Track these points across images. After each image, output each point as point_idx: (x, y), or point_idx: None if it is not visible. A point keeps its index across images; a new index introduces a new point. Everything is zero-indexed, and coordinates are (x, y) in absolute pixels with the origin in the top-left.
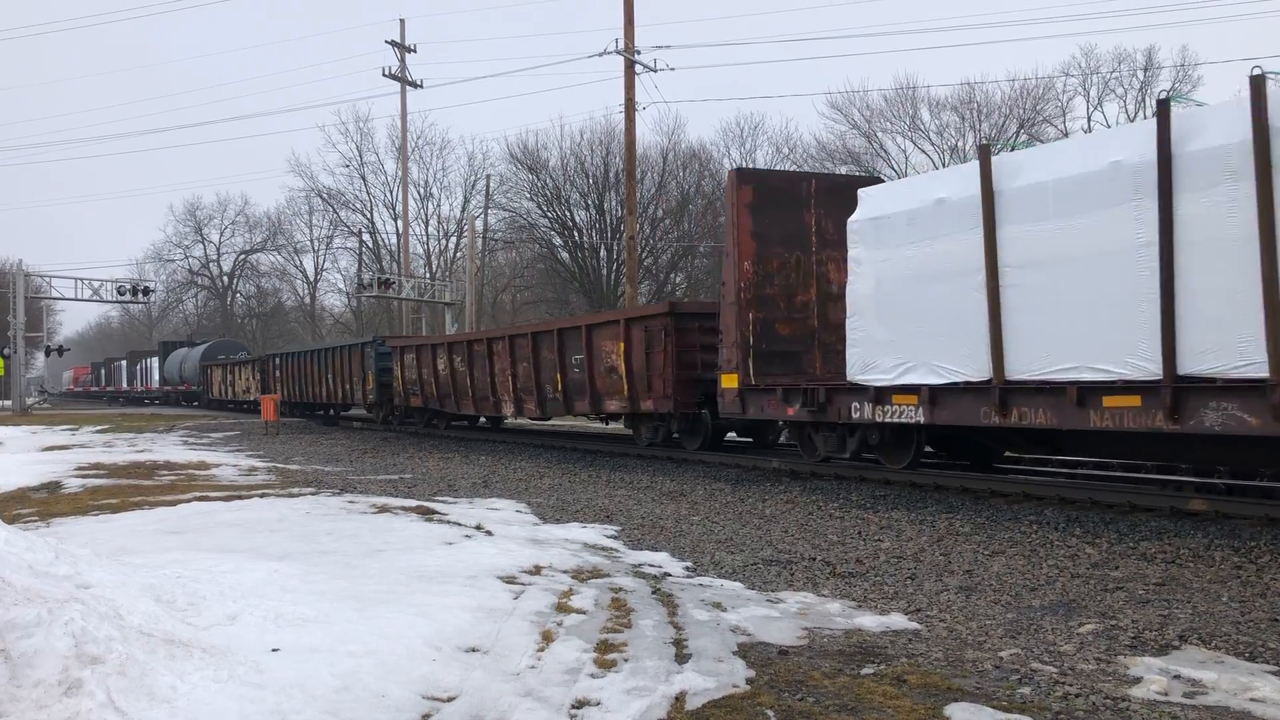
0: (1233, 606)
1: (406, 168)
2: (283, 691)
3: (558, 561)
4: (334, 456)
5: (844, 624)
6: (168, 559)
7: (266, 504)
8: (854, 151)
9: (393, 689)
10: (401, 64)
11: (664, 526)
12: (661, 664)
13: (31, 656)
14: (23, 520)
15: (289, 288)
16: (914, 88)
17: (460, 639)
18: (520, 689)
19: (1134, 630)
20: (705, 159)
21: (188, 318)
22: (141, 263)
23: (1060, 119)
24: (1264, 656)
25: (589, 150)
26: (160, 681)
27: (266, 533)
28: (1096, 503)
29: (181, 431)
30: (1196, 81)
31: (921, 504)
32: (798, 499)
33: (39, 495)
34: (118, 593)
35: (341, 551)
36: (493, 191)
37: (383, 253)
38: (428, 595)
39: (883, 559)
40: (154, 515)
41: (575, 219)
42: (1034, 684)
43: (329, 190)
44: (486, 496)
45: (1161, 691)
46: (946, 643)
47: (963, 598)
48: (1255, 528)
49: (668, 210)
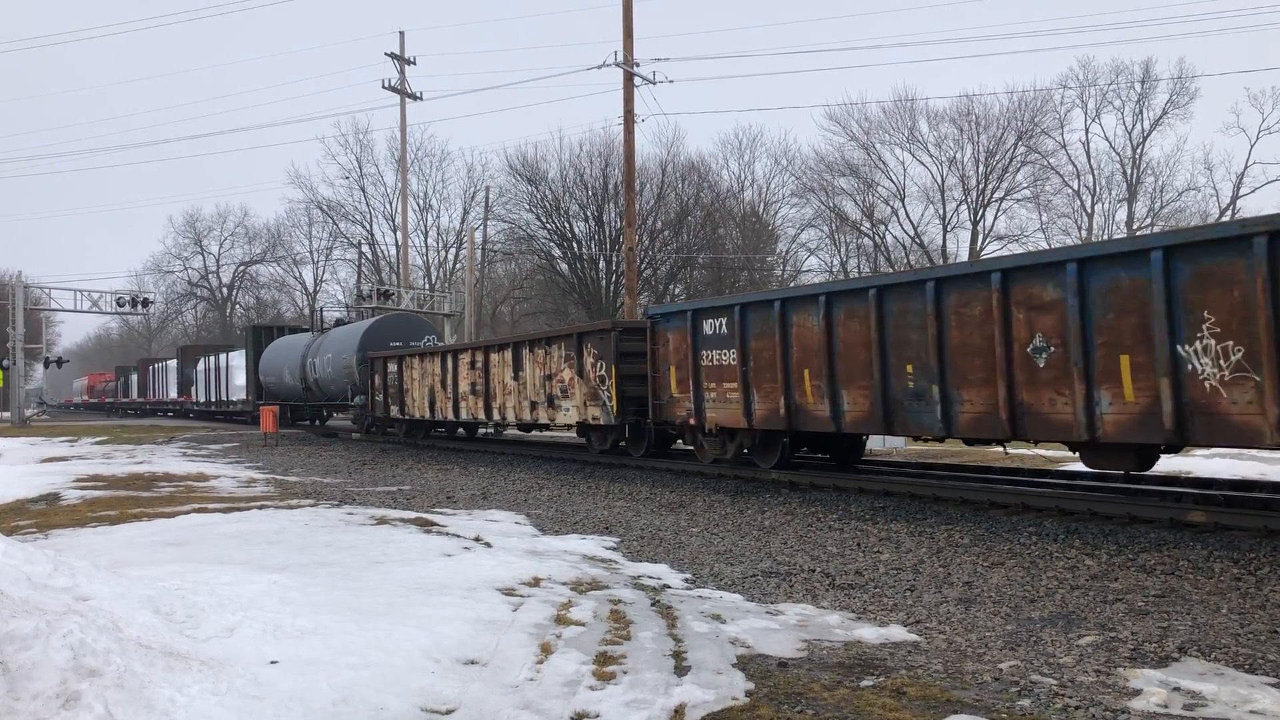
0: (1232, 618)
1: (406, 179)
2: (281, 704)
3: (557, 573)
4: (333, 468)
5: (843, 636)
6: (166, 571)
7: (265, 516)
8: (852, 163)
9: (391, 701)
10: (401, 76)
11: (663, 538)
12: (661, 676)
13: (30, 669)
14: (21, 532)
15: (288, 299)
16: (912, 100)
17: (459, 651)
18: (519, 701)
19: (1134, 642)
20: (704, 171)
21: (186, 329)
22: (141, 274)
23: (1058, 131)
24: (1264, 668)
25: (588, 162)
26: (159, 694)
27: (265, 544)
28: (1096, 514)
29: (180, 443)
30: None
31: (920, 516)
32: (797, 510)
33: (37, 507)
34: (116, 605)
35: (340, 563)
36: (492, 203)
37: (382, 264)
38: (426, 607)
39: (882, 571)
40: (153, 527)
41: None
42: (1034, 696)
43: (328, 202)
44: (485, 508)
45: (1161, 704)
46: (946, 654)
47: (962, 609)
48: (1254, 539)
49: (667, 222)
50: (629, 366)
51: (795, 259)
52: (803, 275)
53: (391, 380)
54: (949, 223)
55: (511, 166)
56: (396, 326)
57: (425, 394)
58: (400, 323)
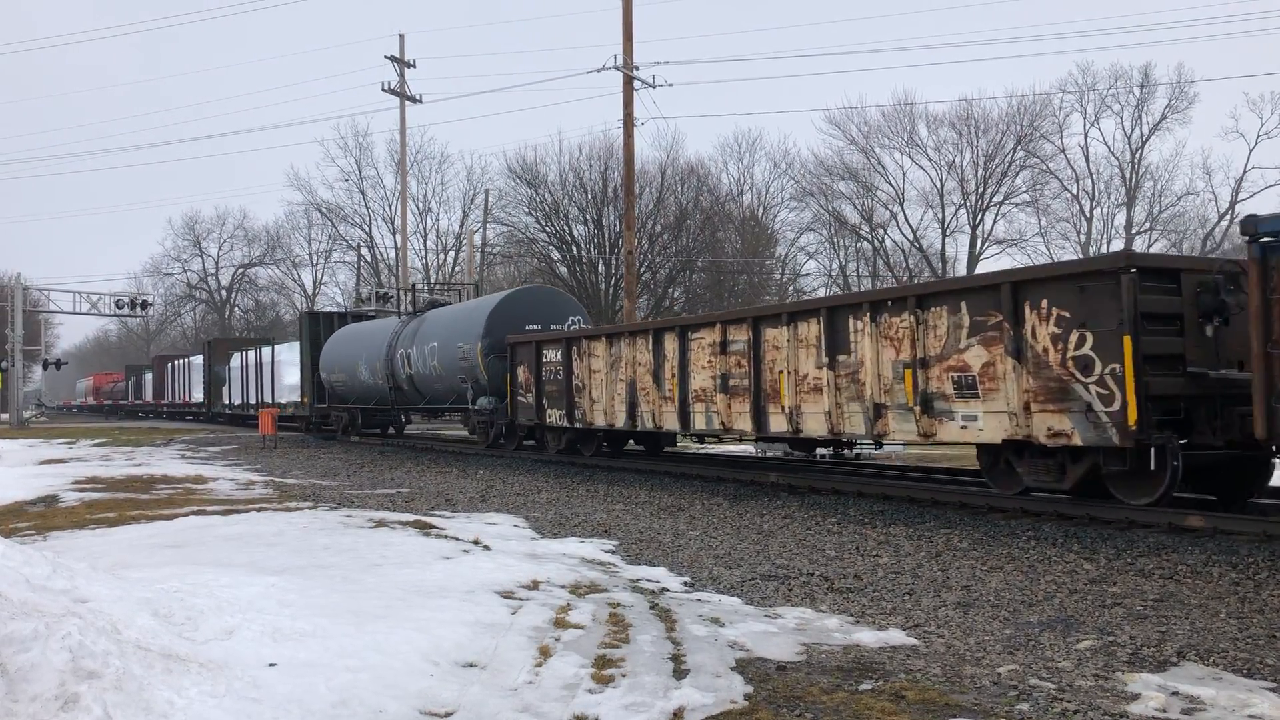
0: (1231, 623)
1: (405, 182)
2: (280, 706)
3: (555, 576)
4: (331, 471)
5: (842, 639)
6: (165, 573)
7: (264, 518)
8: (851, 167)
9: (390, 704)
10: (401, 79)
11: (662, 541)
12: (660, 679)
13: (28, 671)
14: (20, 534)
15: (287, 301)
16: (912, 104)
17: (458, 654)
18: (518, 704)
19: (1132, 646)
20: (703, 174)
21: (185, 331)
22: (140, 276)
23: (1057, 135)
24: (1262, 673)
25: (588, 165)
26: (157, 696)
27: (264, 547)
28: (1094, 519)
29: (179, 445)
30: (1193, 99)
31: (919, 519)
32: (795, 514)
33: (36, 509)
34: (115, 607)
35: (339, 566)
36: (491, 206)
37: (381, 267)
38: (425, 610)
39: (881, 574)
40: (151, 529)
41: (574, 234)
42: (1032, 700)
43: (328, 204)
44: (484, 511)
45: (1160, 708)
46: (945, 659)
47: (961, 613)
48: (1253, 544)
49: (666, 225)
50: (1158, 336)
51: (794, 262)
52: (801, 279)
53: (551, 374)
54: (948, 227)
55: (511, 169)
56: (532, 304)
57: (616, 393)
58: (536, 300)
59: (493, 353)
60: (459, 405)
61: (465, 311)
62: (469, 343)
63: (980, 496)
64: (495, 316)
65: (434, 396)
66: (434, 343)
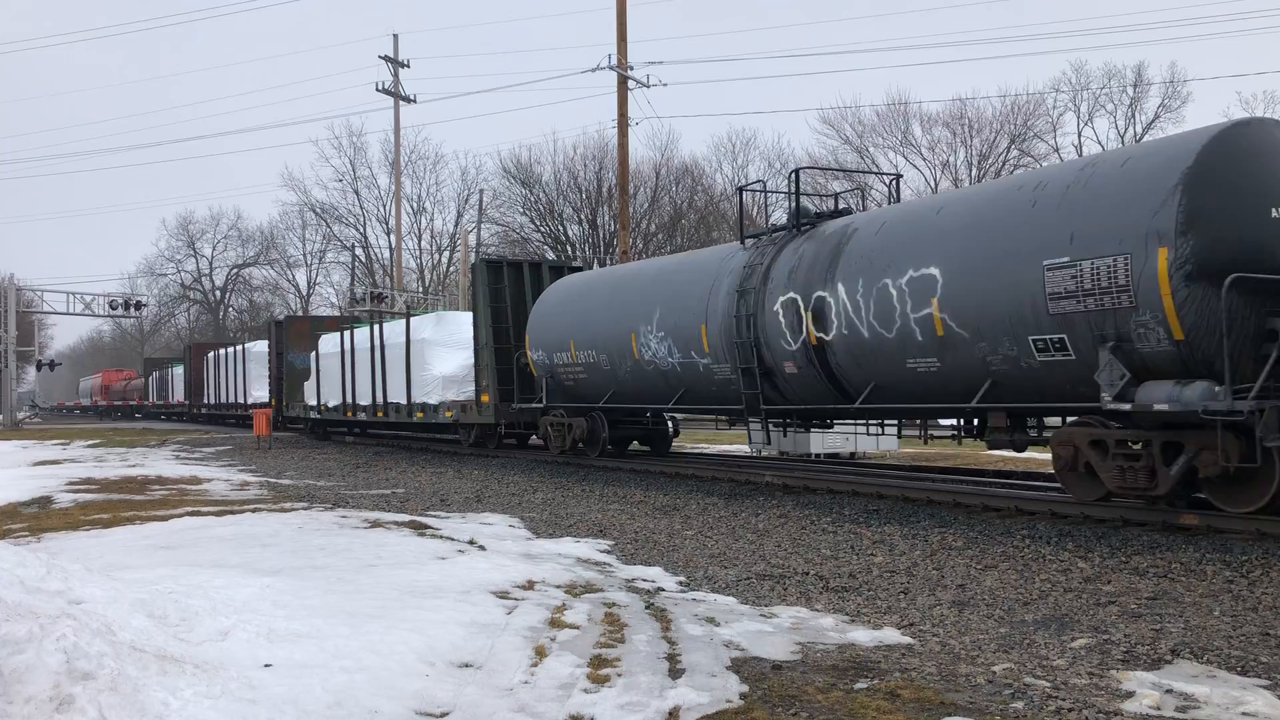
0: (1224, 621)
1: (399, 182)
2: (275, 708)
3: (551, 576)
4: (326, 471)
5: (837, 639)
6: (160, 574)
7: (259, 519)
8: (846, 166)
9: (386, 705)
10: (395, 79)
11: (657, 541)
12: (655, 679)
13: (23, 672)
14: (13, 535)
15: (281, 301)
16: (906, 103)
17: (453, 654)
18: (514, 704)
19: (1126, 644)
20: (698, 174)
21: (180, 331)
22: (134, 277)
23: (1051, 134)
24: (1255, 670)
25: (582, 165)
26: (152, 698)
27: (259, 548)
28: (1089, 517)
29: (173, 446)
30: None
31: (914, 518)
32: (790, 513)
33: (30, 510)
34: (110, 608)
35: (334, 566)
36: (486, 206)
37: (375, 267)
38: (421, 610)
39: (876, 573)
40: (146, 530)
41: (568, 233)
42: (1027, 698)
43: (322, 204)
44: (479, 511)
45: (1154, 706)
46: (940, 657)
47: (956, 612)
48: (1247, 542)
49: (660, 225)
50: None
51: None
52: None
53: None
54: None
55: (505, 169)
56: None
57: None
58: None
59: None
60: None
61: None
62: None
63: (975, 496)
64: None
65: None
66: (891, 277)
